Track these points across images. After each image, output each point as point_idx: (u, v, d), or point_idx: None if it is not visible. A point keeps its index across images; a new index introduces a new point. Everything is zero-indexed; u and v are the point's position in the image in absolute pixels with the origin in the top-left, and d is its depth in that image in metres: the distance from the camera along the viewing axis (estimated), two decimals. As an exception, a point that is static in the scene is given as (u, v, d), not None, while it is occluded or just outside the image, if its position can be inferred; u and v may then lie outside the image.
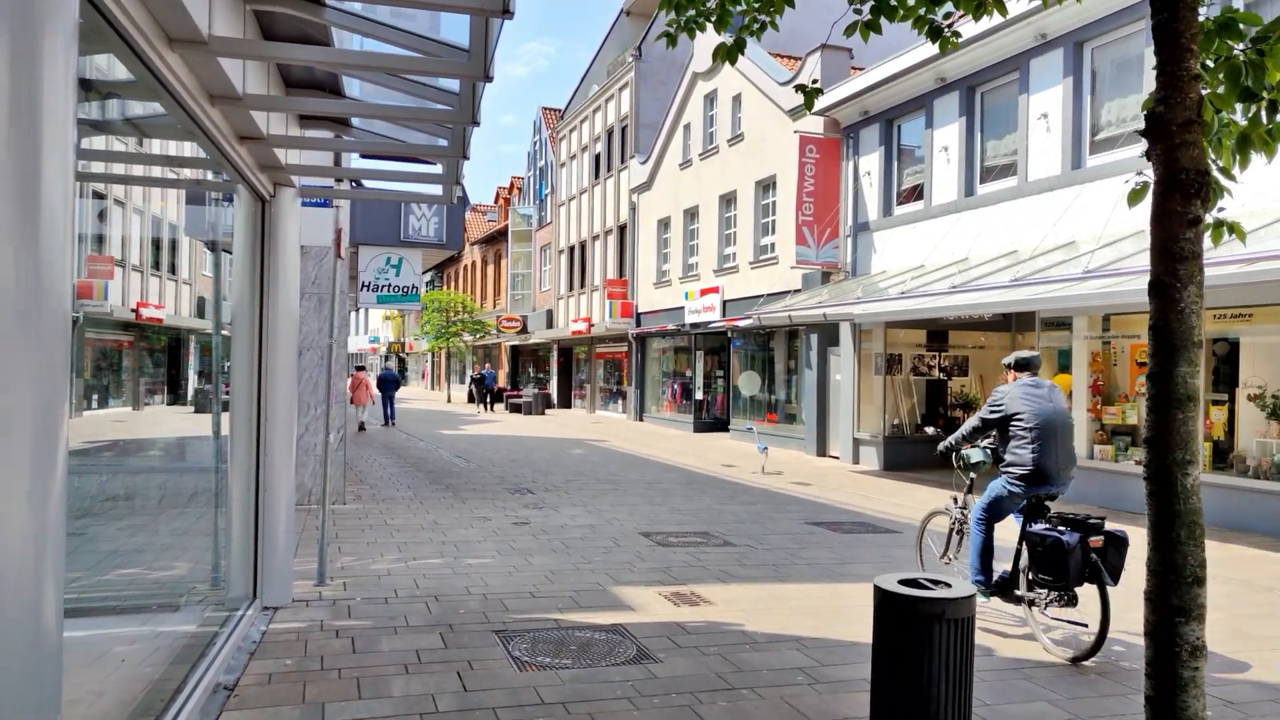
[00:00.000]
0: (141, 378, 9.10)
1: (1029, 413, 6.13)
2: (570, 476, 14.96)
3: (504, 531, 9.80)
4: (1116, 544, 5.77)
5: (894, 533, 10.41)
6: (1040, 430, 6.09)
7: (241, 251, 6.19)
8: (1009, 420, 6.21)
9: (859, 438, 17.77)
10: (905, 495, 13.73)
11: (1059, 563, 5.69)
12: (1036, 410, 6.12)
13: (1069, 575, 5.66)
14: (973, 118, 15.35)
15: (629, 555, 8.63)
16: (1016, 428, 6.17)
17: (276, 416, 6.23)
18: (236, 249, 6.23)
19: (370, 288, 11.32)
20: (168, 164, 5.66)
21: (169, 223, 8.02)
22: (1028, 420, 6.12)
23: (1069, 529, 5.79)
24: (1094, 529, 5.76)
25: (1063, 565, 5.67)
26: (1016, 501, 6.32)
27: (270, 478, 6.24)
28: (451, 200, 6.49)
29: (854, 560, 8.72)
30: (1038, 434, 6.08)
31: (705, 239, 24.84)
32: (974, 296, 12.23)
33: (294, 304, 6.39)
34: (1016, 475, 6.18)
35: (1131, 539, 5.68)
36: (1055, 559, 5.71)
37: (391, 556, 8.30)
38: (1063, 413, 6.22)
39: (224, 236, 6.94)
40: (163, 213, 8.08)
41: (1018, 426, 6.16)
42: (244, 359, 6.17)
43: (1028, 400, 6.17)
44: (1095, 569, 5.67)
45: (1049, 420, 6.11)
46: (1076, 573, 5.66)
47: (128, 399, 8.86)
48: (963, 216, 15.31)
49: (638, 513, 11.33)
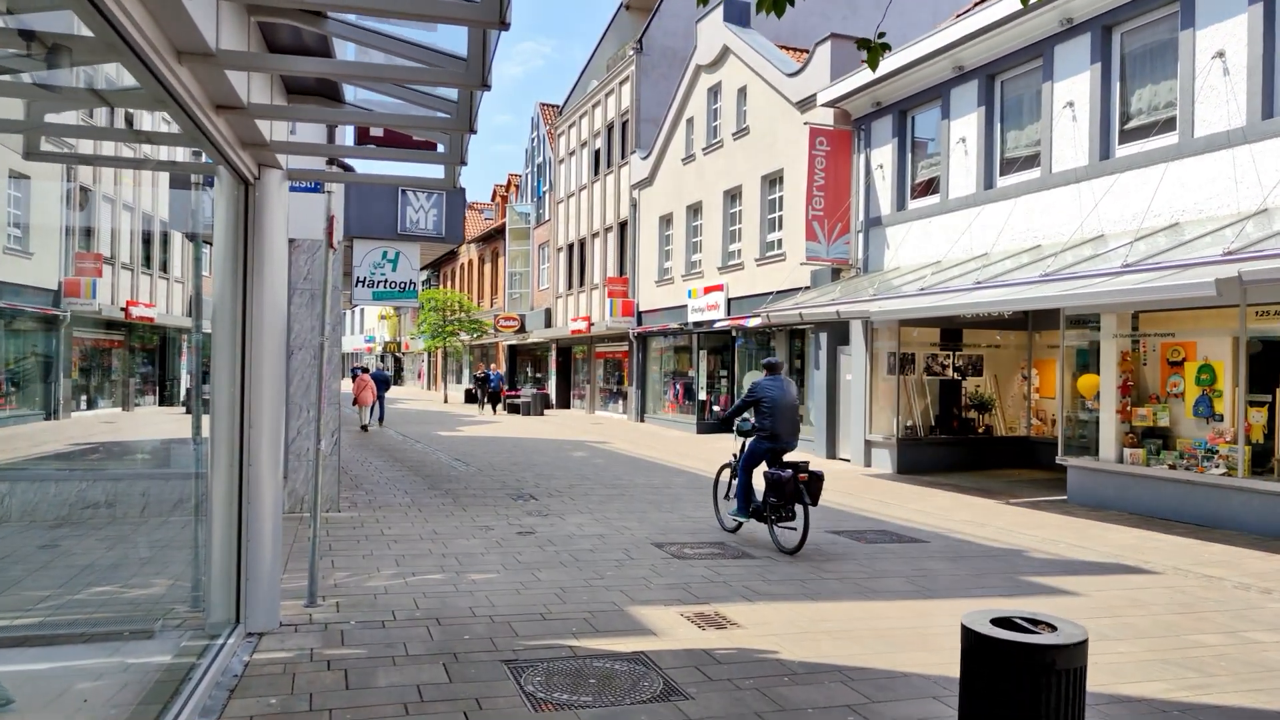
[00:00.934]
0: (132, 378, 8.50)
1: (769, 398, 9.21)
2: (574, 481, 14.36)
3: (508, 542, 9.20)
4: (816, 479, 8.84)
5: (920, 542, 9.83)
6: (774, 408, 9.17)
7: (223, 240, 5.58)
8: (759, 402, 9.25)
9: (871, 440, 17.19)
10: (925, 501, 13.16)
11: (780, 489, 8.88)
12: (774, 396, 9.22)
13: (785, 497, 8.87)
14: (992, 107, 14.77)
15: (643, 569, 8.03)
16: (761, 406, 9.22)
17: (262, 422, 5.62)
18: (217, 238, 5.62)
19: (365, 283, 10.70)
20: (136, 139, 5.06)
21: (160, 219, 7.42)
22: (768, 402, 9.19)
23: (789, 469, 8.89)
24: (802, 469, 8.90)
25: (781, 491, 8.87)
26: (763, 454, 9.28)
27: (255, 490, 5.63)
28: (454, 183, 5.89)
29: (884, 574, 8.13)
30: (773, 410, 9.17)
31: (709, 235, 24.25)
32: (1000, 293, 11.65)
33: (281, 298, 5.79)
34: (762, 436, 9.25)
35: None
36: (778, 487, 8.90)
37: (389, 571, 7.69)
38: (791, 397, 9.33)
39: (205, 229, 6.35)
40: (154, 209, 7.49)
41: (762, 405, 9.22)
42: (226, 359, 5.56)
43: (770, 389, 9.26)
44: (801, 494, 8.78)
45: (780, 402, 9.21)
46: (790, 496, 8.85)
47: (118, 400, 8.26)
48: (982, 210, 14.73)
49: (648, 520, 10.73)
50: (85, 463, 10.48)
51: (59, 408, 5.65)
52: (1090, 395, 13.03)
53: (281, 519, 5.90)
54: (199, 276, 6.93)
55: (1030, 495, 13.69)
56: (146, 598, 6.64)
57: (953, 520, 11.43)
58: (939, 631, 6.24)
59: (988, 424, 17.98)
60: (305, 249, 10.46)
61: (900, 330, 16.70)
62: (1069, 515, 11.90)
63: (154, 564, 8.08)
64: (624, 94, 30.29)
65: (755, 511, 9.33)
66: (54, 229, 6.29)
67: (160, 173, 5.78)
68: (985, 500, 13.23)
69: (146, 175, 7.07)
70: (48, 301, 5.46)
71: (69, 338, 6.57)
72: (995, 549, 9.56)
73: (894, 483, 15.21)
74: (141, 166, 5.68)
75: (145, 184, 7.03)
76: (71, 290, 5.65)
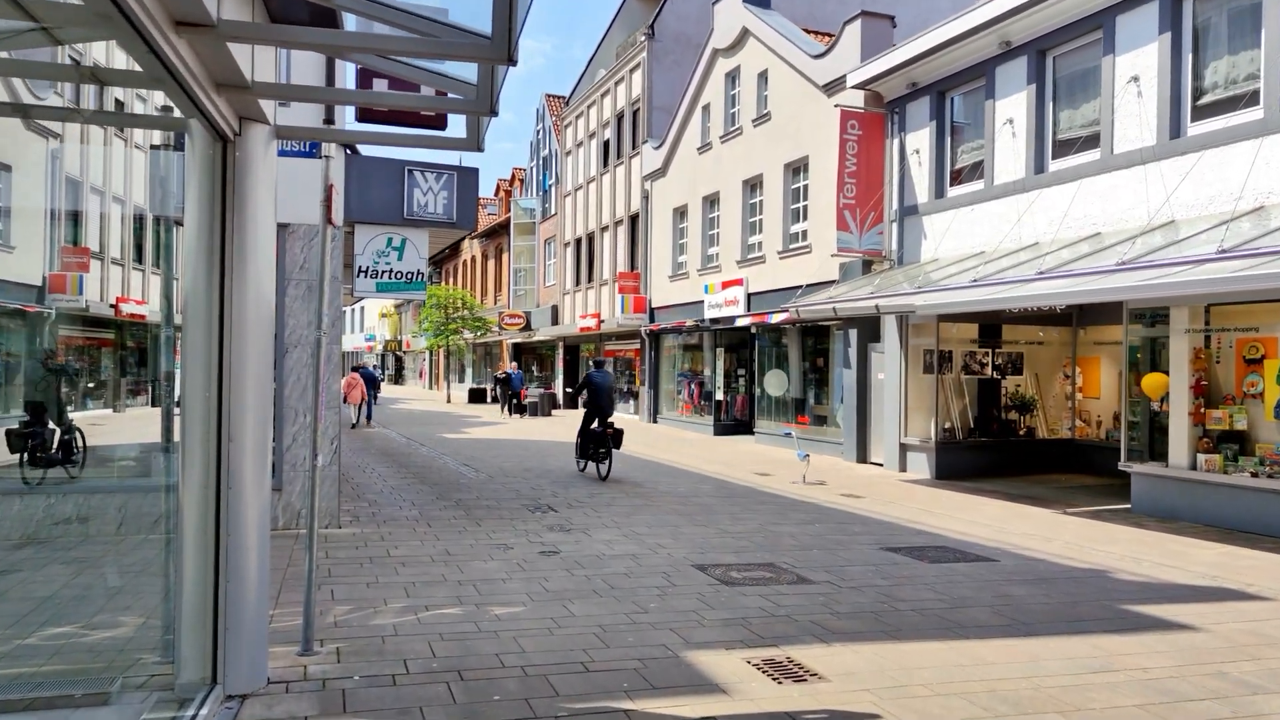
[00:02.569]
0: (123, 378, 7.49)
1: (596, 384, 14.51)
2: (594, 489, 13.30)
3: (530, 564, 8.15)
4: (619, 432, 14.24)
5: (990, 561, 8.78)
6: (599, 391, 14.50)
7: (196, 213, 4.53)
8: (593, 386, 14.53)
9: (907, 443, 16.13)
10: (974, 510, 12.11)
11: (600, 439, 14.18)
12: (599, 383, 14.54)
13: (602, 443, 14.17)
14: (1043, 85, 13.69)
15: (690, 600, 6.98)
16: (592, 389, 14.54)
17: (245, 435, 4.57)
18: (189, 210, 4.57)
19: (368, 273, 9.65)
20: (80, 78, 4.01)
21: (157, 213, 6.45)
22: (595, 387, 14.53)
23: (604, 427, 14.20)
24: (610, 427, 14.23)
25: (601, 440, 14.18)
26: (591, 418, 14.54)
27: (235, 517, 4.57)
28: (478, 143, 4.84)
29: (965, 603, 7.07)
30: (597, 392, 14.51)
31: (727, 228, 23.17)
32: (1066, 284, 10.58)
33: (267, 284, 4.73)
34: (591, 408, 14.52)
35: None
36: (599, 438, 14.21)
37: (398, 604, 6.64)
38: (610, 384, 14.74)
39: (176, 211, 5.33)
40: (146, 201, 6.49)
41: (593, 389, 14.53)
42: (199, 360, 4.51)
43: (597, 379, 14.57)
44: (608, 440, 14.10)
45: (602, 387, 14.53)
46: (604, 442, 14.14)
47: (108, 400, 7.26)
48: (1031, 196, 13.66)
49: (683, 537, 9.68)
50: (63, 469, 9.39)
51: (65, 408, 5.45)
52: (1156, 396, 11.96)
53: (269, 551, 4.85)
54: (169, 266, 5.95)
55: (1087, 504, 12.63)
56: (110, 643, 5.59)
57: (1013, 534, 10.39)
58: (1063, 683, 5.19)
59: (1029, 426, 16.92)
60: (302, 235, 9.42)
61: (939, 326, 15.63)
62: (1139, 527, 10.85)
63: (125, 595, 7.03)
64: (635, 82, 29.20)
65: (585, 458, 14.83)
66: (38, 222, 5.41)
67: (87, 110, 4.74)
68: (1040, 510, 12.17)
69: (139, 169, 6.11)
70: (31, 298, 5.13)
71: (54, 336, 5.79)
72: (1075, 570, 8.50)
73: (934, 489, 14.16)
74: (93, 121, 4.65)
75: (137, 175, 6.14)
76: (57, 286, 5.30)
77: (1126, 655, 5.76)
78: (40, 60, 4.21)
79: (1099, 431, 16.51)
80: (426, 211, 9.67)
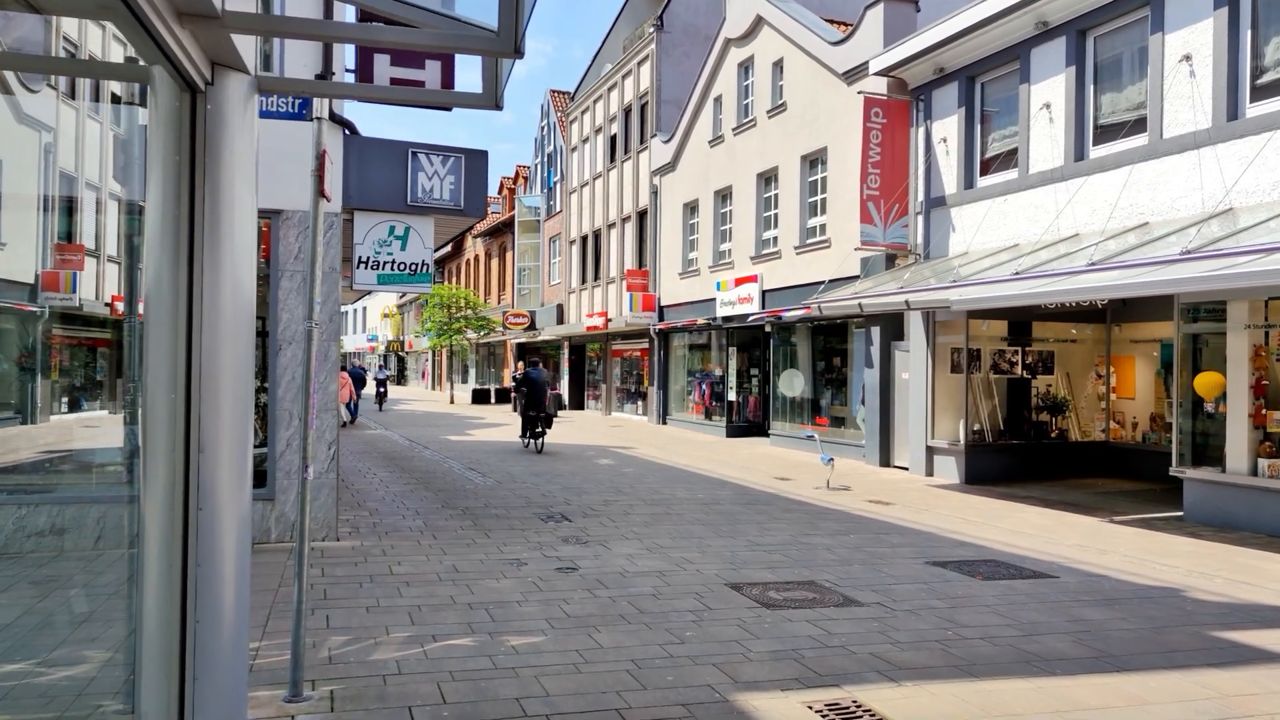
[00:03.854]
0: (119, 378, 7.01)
1: (531, 379, 18.66)
2: (608, 496, 12.54)
3: (548, 582, 7.39)
4: (549, 417, 18.81)
5: (1048, 577, 8.01)
6: (533, 384, 18.59)
7: (160, 182, 3.76)
8: (530, 381, 18.60)
9: (934, 446, 15.36)
10: (1013, 518, 11.34)
11: (533, 422, 18.69)
12: (534, 378, 18.66)
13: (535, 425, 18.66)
14: (1083, 67, 12.92)
15: (730, 626, 6.22)
16: (528, 384, 18.66)
17: (218, 444, 3.80)
18: (151, 180, 3.81)
19: (369, 264, 8.87)
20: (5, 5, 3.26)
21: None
22: (530, 383, 18.64)
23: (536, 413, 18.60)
24: (543, 411, 18.63)
25: (534, 422, 18.68)
26: (527, 406, 18.79)
27: (208, 542, 3.80)
28: (496, 98, 4.07)
29: (1037, 629, 6.30)
30: (531, 387, 18.62)
31: (740, 222, 22.40)
32: (1120, 276, 9.81)
33: (246, 267, 3.96)
34: (526, 399, 18.81)
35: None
36: (532, 421, 18.71)
37: (401, 633, 5.87)
38: (543, 376, 19.12)
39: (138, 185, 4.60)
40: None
41: (528, 384, 18.66)
42: (164, 359, 3.74)
43: (533, 374, 18.79)
44: (538, 423, 18.63)
45: (537, 382, 18.61)
46: (535, 425, 18.65)
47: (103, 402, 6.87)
48: (1071, 185, 12.88)
49: (710, 550, 8.91)
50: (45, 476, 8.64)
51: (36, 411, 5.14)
52: (1211, 396, 11.19)
53: (249, 579, 4.08)
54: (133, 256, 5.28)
55: (1132, 511, 11.86)
56: (69, 685, 4.84)
57: (1063, 545, 9.63)
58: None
59: (1061, 428, 16.15)
60: (297, 223, 8.66)
61: (969, 323, 14.86)
62: (1196, 538, 10.08)
63: (93, 624, 6.29)
64: (643, 75, 28.43)
65: (526, 436, 19.01)
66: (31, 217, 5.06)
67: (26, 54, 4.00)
68: (1084, 518, 11.40)
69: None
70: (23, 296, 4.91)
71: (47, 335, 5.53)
72: (1145, 588, 7.74)
73: (966, 495, 13.39)
74: (33, 67, 3.89)
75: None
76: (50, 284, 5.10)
77: (1245, 696, 4.99)
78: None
79: (1134, 434, 15.74)
80: (432, 198, 8.90)
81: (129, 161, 4.41)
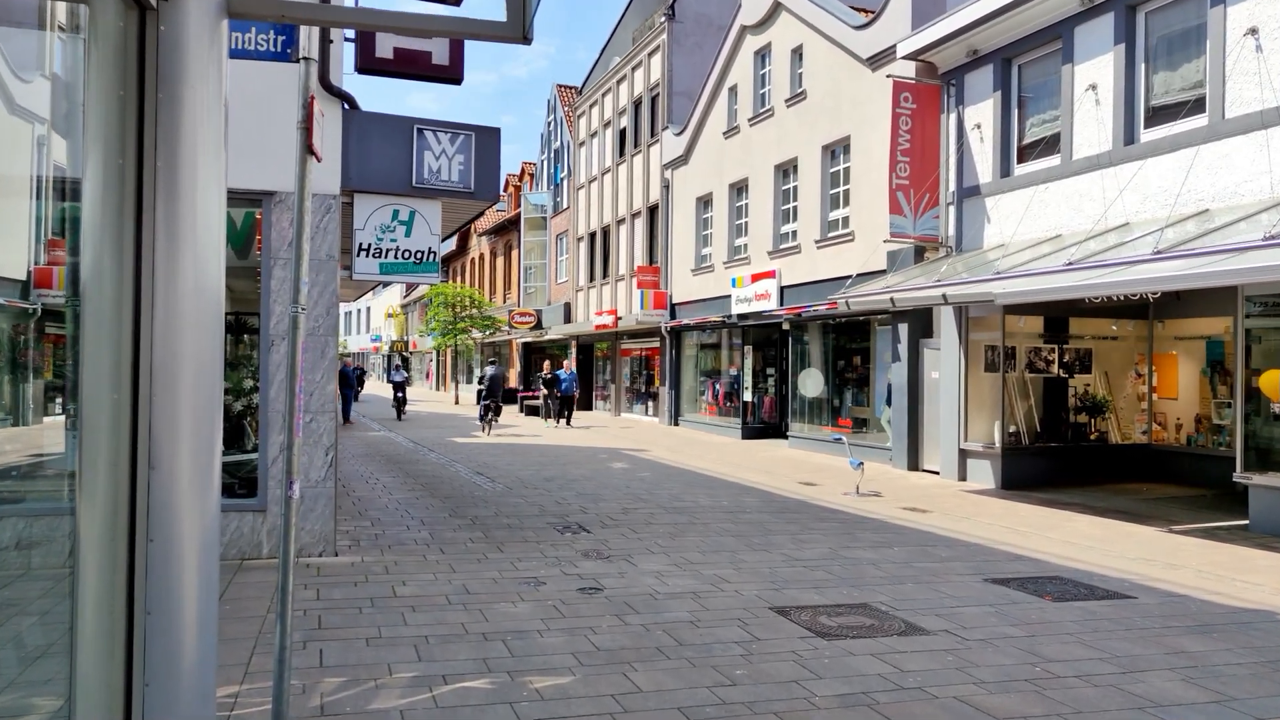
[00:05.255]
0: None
1: (491, 375, 24.38)
2: (626, 503, 11.74)
3: (570, 606, 6.58)
4: (499, 407, 24.30)
5: (1125, 598, 7.20)
6: (492, 381, 24.16)
7: (100, 130, 2.97)
8: (490, 378, 24.32)
9: (967, 449, 14.53)
10: (1062, 527, 10.53)
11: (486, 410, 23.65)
12: (492, 375, 24.39)
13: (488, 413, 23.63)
14: (1133, 44, 12.09)
15: (785, 661, 5.41)
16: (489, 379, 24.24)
17: (176, 460, 2.99)
18: (90, 125, 3.02)
19: (370, 251, 8.07)
20: None
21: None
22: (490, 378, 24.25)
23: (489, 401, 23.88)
24: (495, 400, 23.92)
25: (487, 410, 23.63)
26: (486, 398, 23.84)
27: (161, 581, 2.99)
28: (523, 29, 3.27)
29: (1136, 665, 5.49)
30: (491, 381, 24.13)
31: (757, 216, 21.57)
32: (1188, 265, 8.98)
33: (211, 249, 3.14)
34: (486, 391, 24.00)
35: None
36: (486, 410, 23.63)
37: (407, 672, 5.07)
38: (502, 371, 28.85)
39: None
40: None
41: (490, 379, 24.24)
42: (105, 358, 2.95)
43: (492, 373, 24.51)
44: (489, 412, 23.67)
45: (495, 378, 24.36)
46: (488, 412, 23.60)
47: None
48: (1120, 171, 12.05)
49: (744, 566, 8.10)
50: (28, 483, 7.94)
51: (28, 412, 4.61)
52: (1278, 396, 10.37)
53: (215, 626, 3.28)
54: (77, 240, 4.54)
55: (1190, 520, 11.04)
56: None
57: (1125, 558, 8.82)
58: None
59: (1100, 429, 15.32)
60: (292, 206, 7.86)
61: (1005, 319, 14.04)
62: (1272, 550, 9.26)
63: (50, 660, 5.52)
64: (653, 66, 27.62)
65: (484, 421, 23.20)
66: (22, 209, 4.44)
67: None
68: (1140, 527, 10.59)
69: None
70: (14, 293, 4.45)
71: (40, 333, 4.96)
72: (1236, 610, 6.92)
73: (1005, 501, 12.57)
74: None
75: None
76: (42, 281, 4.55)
77: None
78: None
79: (1178, 436, 14.91)
80: (440, 179, 8.10)
81: (72, 109, 3.61)
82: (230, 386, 8.56)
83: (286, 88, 6.99)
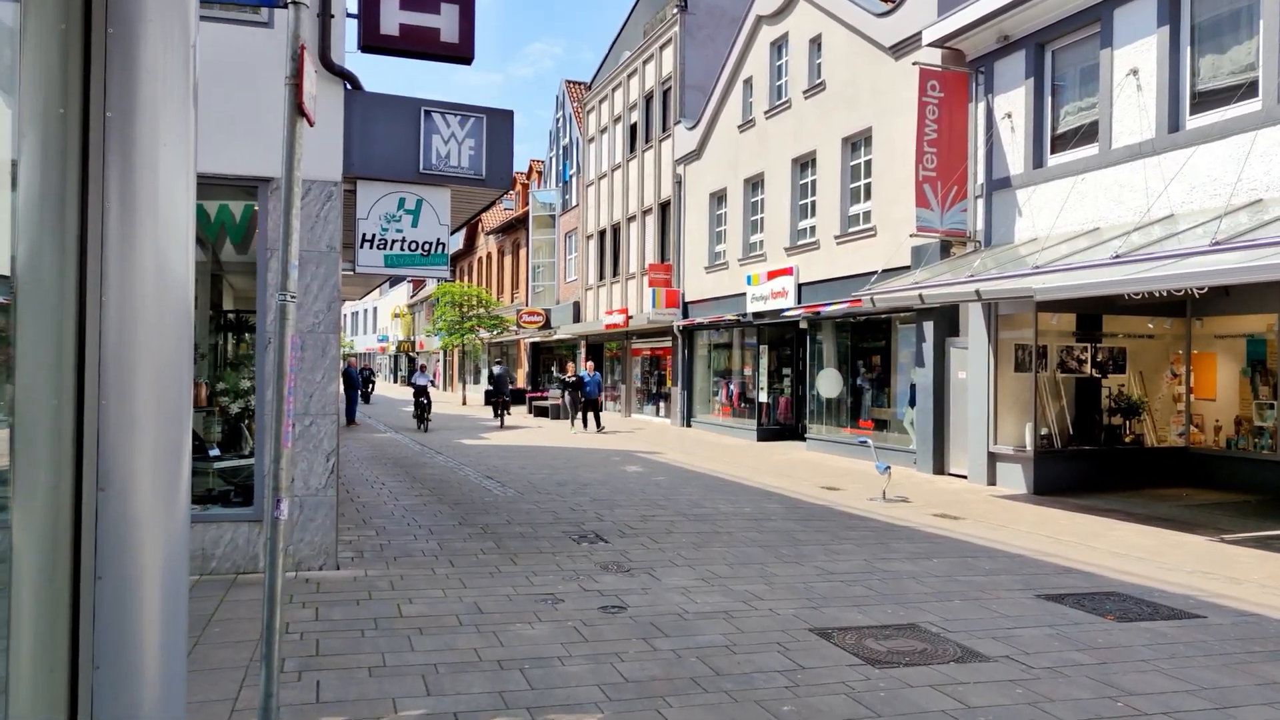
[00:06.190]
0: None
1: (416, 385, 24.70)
2: (644, 510, 11.17)
3: (592, 628, 6.02)
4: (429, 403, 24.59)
5: (1194, 617, 6.61)
6: (496, 381, 26.11)
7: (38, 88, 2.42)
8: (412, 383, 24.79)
9: (996, 452, 13.94)
10: (1105, 536, 9.94)
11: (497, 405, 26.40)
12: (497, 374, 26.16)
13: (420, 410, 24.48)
14: (1178, 26, 11.48)
15: (836, 695, 4.83)
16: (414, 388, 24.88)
17: (133, 479, 2.45)
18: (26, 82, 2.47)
19: (374, 243, 7.53)
20: None
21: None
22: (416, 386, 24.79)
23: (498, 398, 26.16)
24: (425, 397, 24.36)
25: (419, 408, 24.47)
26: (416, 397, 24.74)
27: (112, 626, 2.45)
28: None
29: (1227, 698, 4.91)
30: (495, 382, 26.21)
31: (773, 212, 20.98)
32: (1251, 257, 8.38)
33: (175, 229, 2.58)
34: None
35: None
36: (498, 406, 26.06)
37: (414, 709, 4.51)
38: (505, 372, 26.81)
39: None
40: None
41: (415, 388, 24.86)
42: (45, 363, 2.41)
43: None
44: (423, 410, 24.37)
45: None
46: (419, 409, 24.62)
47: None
48: (1165, 160, 11.45)
49: (777, 581, 7.53)
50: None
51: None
52: (1337, 398, 9.76)
53: (184, 678, 2.73)
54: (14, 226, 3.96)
55: (1240, 529, 10.43)
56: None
57: (1181, 571, 8.23)
58: None
59: (1136, 431, 14.70)
60: (288, 195, 7.31)
61: (1038, 317, 13.45)
62: (1337, 563, 8.66)
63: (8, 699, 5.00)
64: (665, 59, 27.05)
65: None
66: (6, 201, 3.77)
67: None
68: (1189, 536, 9.98)
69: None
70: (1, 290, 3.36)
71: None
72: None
73: (1039, 507, 11.98)
74: None
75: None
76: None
77: None
78: None
79: (1217, 439, 14.28)
80: (448, 165, 7.54)
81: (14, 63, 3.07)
82: (228, 388, 8.03)
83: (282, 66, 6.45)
